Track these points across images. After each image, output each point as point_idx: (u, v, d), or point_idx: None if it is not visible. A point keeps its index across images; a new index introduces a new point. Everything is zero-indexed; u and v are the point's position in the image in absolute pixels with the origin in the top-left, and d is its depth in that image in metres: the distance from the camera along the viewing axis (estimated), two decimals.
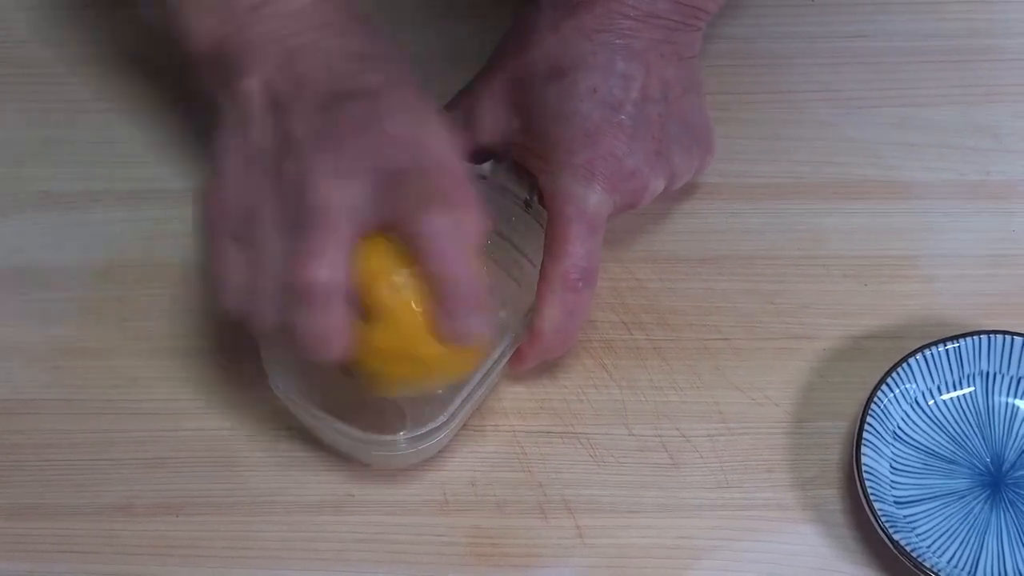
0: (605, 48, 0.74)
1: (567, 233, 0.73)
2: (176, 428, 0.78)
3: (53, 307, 0.81)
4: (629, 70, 0.75)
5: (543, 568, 0.74)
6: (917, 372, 0.76)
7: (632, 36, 0.75)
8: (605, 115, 0.74)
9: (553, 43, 0.75)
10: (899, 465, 0.76)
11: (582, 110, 0.74)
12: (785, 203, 0.84)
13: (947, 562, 0.73)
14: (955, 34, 0.89)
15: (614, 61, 0.74)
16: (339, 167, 0.65)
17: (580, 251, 0.73)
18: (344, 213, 0.65)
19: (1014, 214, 0.83)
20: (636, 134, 0.75)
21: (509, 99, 0.76)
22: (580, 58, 0.74)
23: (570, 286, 0.73)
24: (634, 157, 0.75)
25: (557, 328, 0.74)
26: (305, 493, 0.76)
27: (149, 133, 0.86)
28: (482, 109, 0.77)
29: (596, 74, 0.74)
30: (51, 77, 0.88)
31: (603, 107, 0.74)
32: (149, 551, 0.75)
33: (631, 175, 0.75)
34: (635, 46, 0.75)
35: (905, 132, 0.86)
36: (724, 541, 0.75)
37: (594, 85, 0.74)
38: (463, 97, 0.78)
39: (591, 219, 0.74)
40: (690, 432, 0.78)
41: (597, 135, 0.74)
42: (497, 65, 0.77)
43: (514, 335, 0.75)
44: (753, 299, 0.81)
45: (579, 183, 0.73)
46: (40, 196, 0.85)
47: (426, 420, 0.73)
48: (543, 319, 0.74)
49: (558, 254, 0.74)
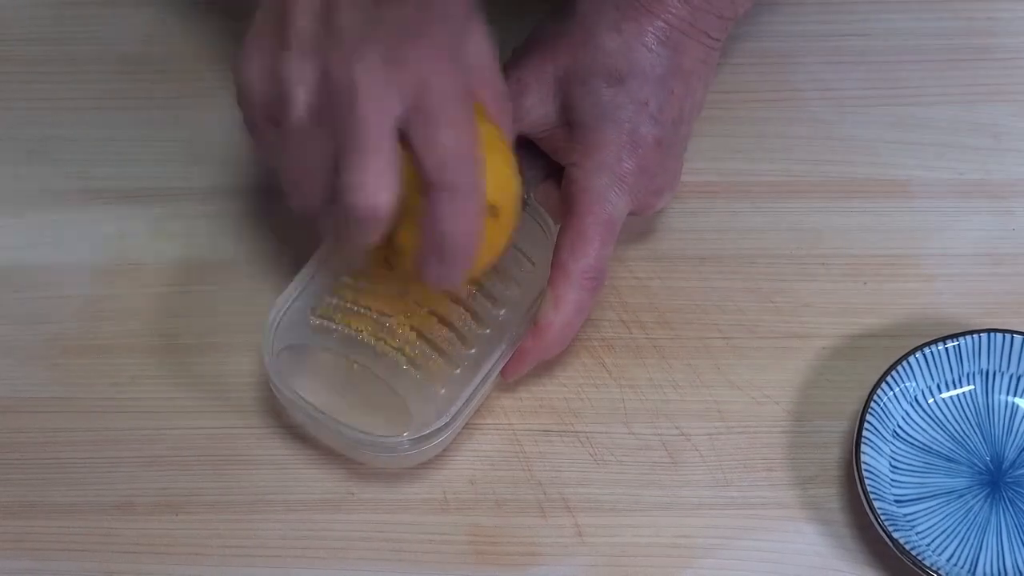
0: (662, 62, 0.75)
1: (593, 233, 0.74)
2: (176, 426, 0.78)
3: (52, 305, 0.81)
4: (677, 88, 0.76)
5: (542, 567, 0.74)
6: (917, 370, 0.76)
7: (685, 53, 0.76)
8: (650, 130, 0.75)
9: (615, 46, 0.75)
10: (899, 463, 0.76)
11: (633, 120, 0.75)
12: (785, 202, 0.84)
13: (947, 560, 0.73)
14: (955, 33, 0.89)
15: (667, 78, 0.76)
16: (383, 78, 0.64)
17: (602, 252, 0.74)
18: (387, 133, 0.64)
19: (1013, 213, 0.83)
20: (669, 153, 0.77)
21: (558, 90, 0.76)
22: (639, 67, 0.75)
23: (586, 285, 0.74)
24: (663, 176, 0.77)
25: (565, 323, 0.74)
26: (305, 491, 0.76)
27: (149, 132, 0.86)
28: (531, 98, 0.76)
29: (650, 87, 0.75)
30: (51, 75, 0.88)
31: (650, 121, 0.75)
32: (149, 549, 0.75)
33: (656, 192, 0.77)
34: (685, 65, 0.76)
35: (905, 131, 0.86)
36: (723, 540, 0.75)
37: (647, 98, 0.75)
38: (510, 80, 0.76)
39: (615, 224, 0.75)
40: (690, 431, 0.78)
41: (641, 147, 0.75)
42: (550, 56, 0.76)
43: (514, 335, 0.75)
44: (753, 298, 0.81)
45: (613, 188, 0.75)
46: (40, 194, 0.84)
47: (429, 420, 0.73)
48: (557, 311, 0.74)
49: (581, 252, 0.74)
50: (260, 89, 0.66)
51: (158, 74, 0.88)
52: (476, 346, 0.75)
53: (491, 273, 0.76)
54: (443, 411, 0.73)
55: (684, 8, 0.75)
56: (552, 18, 0.78)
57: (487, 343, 0.75)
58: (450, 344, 0.75)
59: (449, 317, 0.75)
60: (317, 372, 0.76)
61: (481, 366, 0.74)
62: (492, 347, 0.75)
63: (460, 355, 0.75)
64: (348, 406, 0.74)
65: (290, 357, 0.75)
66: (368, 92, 0.64)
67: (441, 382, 0.74)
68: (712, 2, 0.76)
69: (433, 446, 0.74)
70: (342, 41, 0.64)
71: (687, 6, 0.75)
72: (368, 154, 0.64)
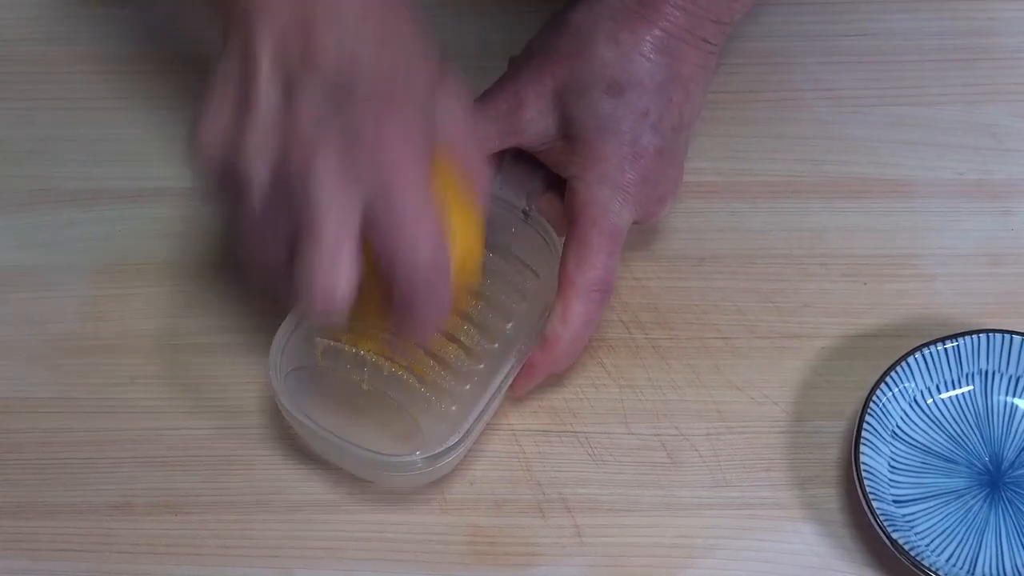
0: (660, 70, 0.75)
1: (599, 245, 0.74)
2: (174, 427, 0.78)
3: (51, 305, 0.81)
4: (676, 95, 0.76)
5: (541, 567, 0.74)
6: (916, 371, 0.76)
7: (683, 60, 0.76)
8: (651, 139, 0.75)
9: (613, 57, 0.75)
10: (898, 464, 0.76)
11: (633, 131, 0.75)
12: (784, 202, 0.84)
13: (945, 561, 0.73)
14: (955, 33, 0.89)
15: (666, 86, 0.75)
16: (338, 182, 0.63)
17: (608, 264, 0.74)
18: (347, 226, 0.64)
19: (1013, 213, 0.83)
20: (671, 160, 0.76)
21: (556, 103, 0.76)
22: (637, 77, 0.75)
23: (593, 297, 0.74)
24: (665, 184, 0.76)
25: (573, 336, 0.74)
26: (303, 492, 0.76)
27: (148, 131, 0.86)
28: (529, 112, 0.76)
29: (649, 96, 0.75)
30: (51, 75, 0.88)
31: (651, 131, 0.75)
32: (147, 549, 0.75)
33: (658, 200, 0.76)
34: (683, 72, 0.76)
35: (905, 131, 0.86)
36: (722, 540, 0.75)
37: (646, 107, 0.75)
38: (507, 96, 0.76)
39: (620, 235, 0.75)
40: (689, 431, 0.77)
41: (642, 158, 0.75)
42: (548, 69, 0.76)
43: (522, 349, 0.75)
44: (752, 298, 0.81)
45: (617, 199, 0.74)
46: (39, 194, 0.85)
47: (442, 438, 0.72)
48: (565, 324, 0.74)
49: (588, 264, 0.74)
50: (220, 158, 0.65)
51: (158, 74, 0.88)
52: (484, 361, 0.75)
53: (497, 287, 0.76)
54: (455, 428, 0.73)
55: (681, 15, 0.75)
56: (547, 31, 0.77)
57: (496, 358, 0.75)
58: (459, 360, 0.75)
59: (456, 333, 0.75)
60: (325, 393, 0.75)
61: (491, 381, 0.74)
62: (501, 362, 0.74)
63: (469, 371, 0.75)
64: (357, 427, 0.74)
65: (298, 378, 0.74)
66: (327, 184, 0.63)
67: (452, 399, 0.74)
68: (709, 8, 0.75)
69: (445, 464, 0.73)
70: (303, 127, 0.64)
71: (684, 13, 0.75)
72: (325, 247, 0.63)
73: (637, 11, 0.75)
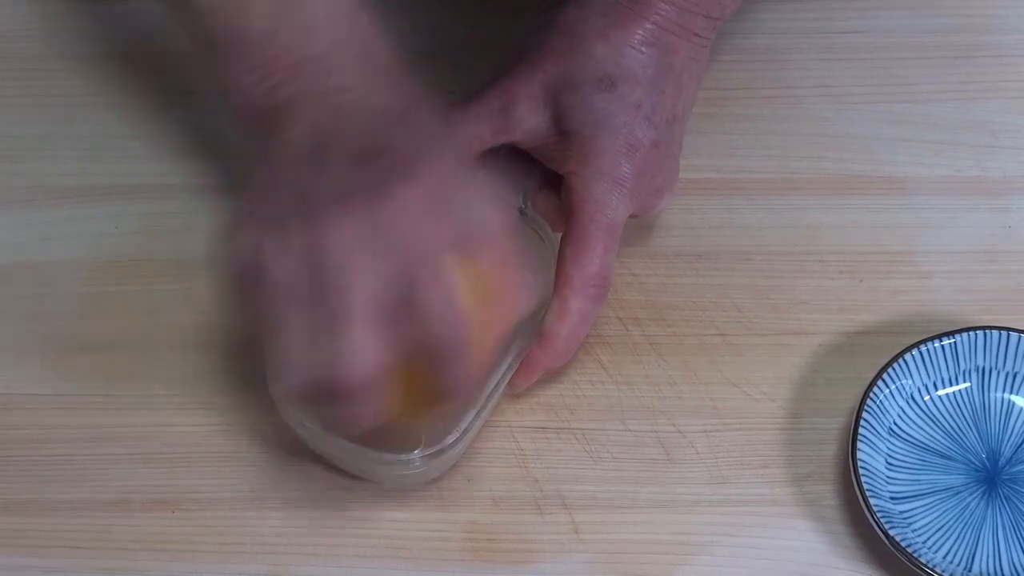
0: (652, 63, 0.75)
1: (596, 241, 0.74)
2: (172, 423, 0.78)
3: (50, 302, 0.81)
4: (669, 88, 0.76)
5: (539, 563, 0.74)
6: (913, 368, 0.76)
7: (675, 53, 0.76)
8: (645, 132, 0.75)
9: (604, 52, 0.75)
10: (895, 461, 0.76)
11: (627, 125, 0.75)
12: (781, 199, 0.84)
13: (943, 558, 0.73)
14: (952, 30, 0.89)
15: (659, 79, 0.75)
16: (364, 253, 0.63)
17: (605, 259, 0.74)
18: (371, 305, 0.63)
19: (1010, 210, 0.83)
20: (666, 153, 0.76)
21: (549, 101, 0.76)
22: (630, 71, 0.75)
23: (590, 293, 0.74)
24: (662, 177, 0.76)
25: (570, 333, 0.74)
26: (300, 488, 0.76)
27: (147, 128, 0.86)
28: (520, 109, 0.76)
29: (641, 90, 0.75)
30: (49, 72, 0.88)
31: (645, 124, 0.75)
32: (145, 546, 0.75)
33: (655, 193, 0.76)
34: (675, 64, 0.76)
35: (901, 128, 0.86)
36: (719, 537, 0.75)
37: (639, 101, 0.75)
38: (499, 93, 0.76)
39: (616, 230, 0.75)
40: (686, 428, 0.78)
41: (637, 151, 0.75)
42: (538, 66, 0.76)
43: (520, 345, 0.75)
44: (749, 295, 0.81)
45: (614, 194, 0.74)
46: (37, 191, 0.85)
47: (440, 435, 0.72)
48: (563, 321, 0.74)
49: (585, 260, 0.74)
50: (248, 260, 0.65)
51: (155, 71, 0.88)
52: None
53: None
54: (453, 425, 0.73)
55: (672, 10, 0.75)
56: (538, 29, 0.77)
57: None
58: None
59: None
60: None
61: (489, 378, 0.74)
62: (499, 358, 0.75)
63: None
64: None
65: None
66: (348, 268, 0.63)
67: None
68: (699, 3, 0.75)
69: (443, 461, 0.73)
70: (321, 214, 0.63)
71: (674, 8, 0.75)
72: (352, 324, 0.63)
73: (628, 7, 0.75)
